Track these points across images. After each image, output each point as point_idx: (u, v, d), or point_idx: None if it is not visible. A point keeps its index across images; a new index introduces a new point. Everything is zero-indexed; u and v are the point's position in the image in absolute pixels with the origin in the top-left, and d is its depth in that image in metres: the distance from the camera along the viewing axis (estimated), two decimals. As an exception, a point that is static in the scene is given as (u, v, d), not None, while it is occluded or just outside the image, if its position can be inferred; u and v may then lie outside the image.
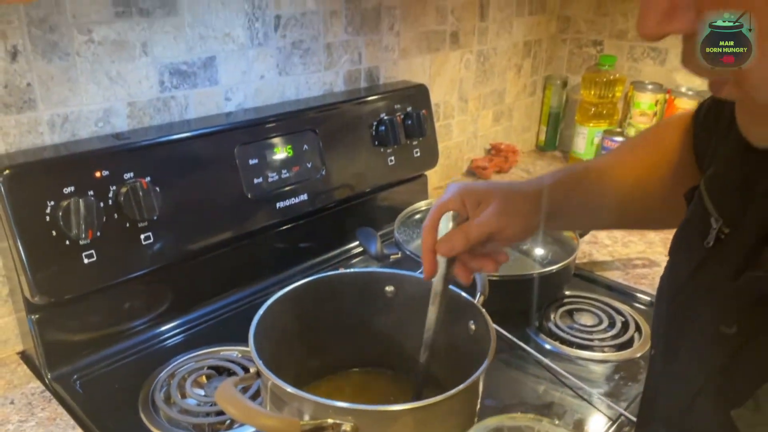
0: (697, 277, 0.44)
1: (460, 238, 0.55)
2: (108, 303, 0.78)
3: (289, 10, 0.96)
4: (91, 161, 0.73)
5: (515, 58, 1.48)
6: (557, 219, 0.60)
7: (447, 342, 0.61)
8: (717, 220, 0.42)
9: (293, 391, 0.47)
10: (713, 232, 0.42)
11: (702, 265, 0.43)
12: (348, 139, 1.01)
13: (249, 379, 0.51)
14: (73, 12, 0.73)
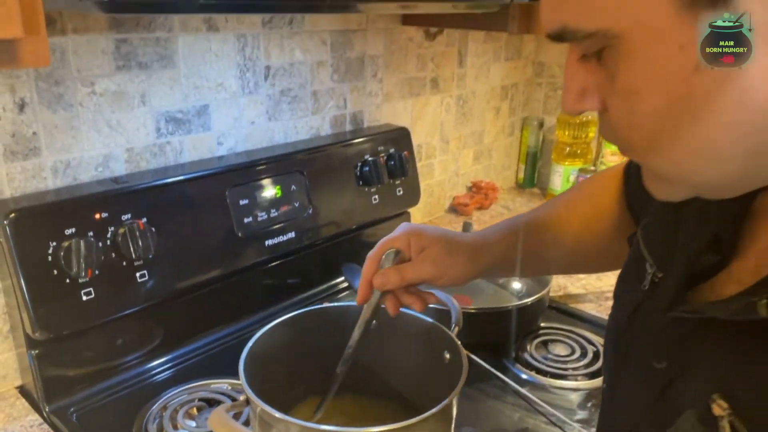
0: (635, 317, 0.48)
1: (395, 276, 0.60)
2: (103, 338, 0.82)
3: (279, 61, 1.03)
4: (91, 204, 0.78)
5: (493, 101, 1.56)
6: (501, 269, 0.66)
7: (423, 370, 0.66)
8: (651, 266, 0.47)
9: (280, 416, 0.51)
10: (648, 276, 0.47)
11: (639, 306, 0.48)
12: (334, 180, 1.07)
13: (239, 406, 0.55)
14: (78, 66, 0.79)
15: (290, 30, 1.03)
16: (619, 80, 0.35)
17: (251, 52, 0.98)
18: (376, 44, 1.19)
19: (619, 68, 0.35)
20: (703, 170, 0.36)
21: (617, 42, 0.34)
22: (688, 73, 0.32)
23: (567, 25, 0.35)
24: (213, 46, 0.93)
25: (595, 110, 0.39)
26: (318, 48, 1.08)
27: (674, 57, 0.32)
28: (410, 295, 0.63)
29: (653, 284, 0.47)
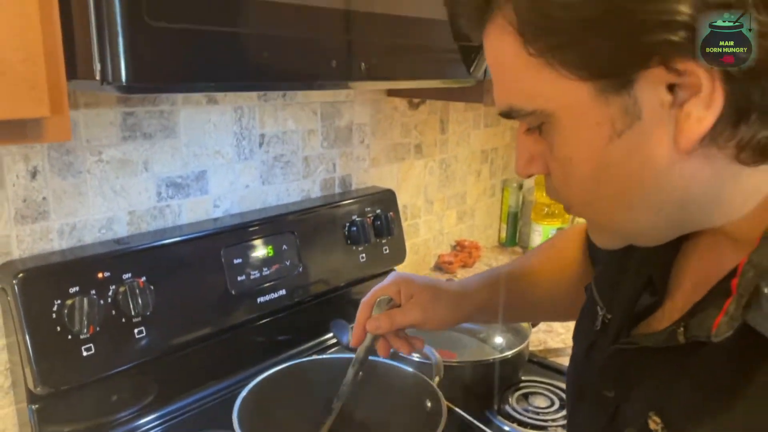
0: (589, 355, 0.55)
1: (386, 321, 0.67)
2: (101, 393, 0.85)
3: (272, 130, 1.10)
4: (95, 264, 0.83)
5: (474, 164, 1.65)
6: (482, 315, 0.74)
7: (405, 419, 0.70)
8: (602, 308, 0.55)
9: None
10: (599, 318, 0.54)
11: (592, 344, 0.55)
12: (323, 239, 1.13)
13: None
14: (87, 137, 0.86)
15: (283, 102, 1.11)
16: (555, 149, 0.43)
17: (247, 122, 1.06)
18: (363, 114, 1.27)
19: (554, 140, 0.42)
20: (631, 221, 0.43)
21: (551, 119, 0.41)
22: (605, 144, 0.40)
23: (513, 105, 0.43)
24: (212, 117, 1.01)
25: (542, 174, 0.46)
26: (309, 117, 1.16)
27: (593, 131, 0.40)
28: (399, 340, 0.70)
29: (603, 324, 0.54)
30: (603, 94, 0.38)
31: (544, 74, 0.39)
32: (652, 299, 0.50)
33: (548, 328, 1.26)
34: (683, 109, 0.37)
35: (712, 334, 0.39)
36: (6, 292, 0.77)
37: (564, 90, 0.39)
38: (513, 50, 0.40)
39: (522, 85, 0.41)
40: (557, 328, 1.27)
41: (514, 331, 1.11)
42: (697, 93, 0.36)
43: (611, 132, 0.39)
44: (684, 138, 0.37)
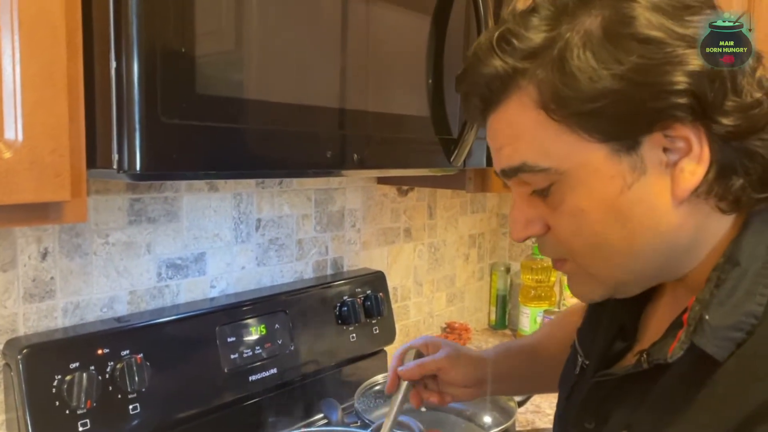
0: (570, 397, 0.62)
1: (416, 368, 0.77)
2: (93, 471, 0.87)
3: (269, 215, 1.18)
4: (95, 341, 0.87)
5: (462, 248, 1.72)
6: (500, 383, 0.82)
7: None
8: (581, 356, 0.63)
9: None
10: (579, 363, 0.62)
11: (574, 387, 0.62)
12: (314, 319, 1.17)
13: None
14: (96, 221, 0.93)
15: (280, 189, 1.19)
16: (566, 204, 0.50)
17: (245, 207, 1.13)
18: (354, 200, 1.35)
19: (566, 195, 0.49)
20: (625, 266, 0.51)
21: (564, 177, 0.49)
22: (617, 194, 0.48)
23: (527, 161, 0.50)
24: (212, 203, 1.08)
25: (539, 234, 0.53)
26: (303, 203, 1.24)
27: (607, 184, 0.48)
28: (430, 392, 0.80)
29: (582, 369, 0.62)
30: (617, 154, 0.47)
31: (564, 137, 0.47)
32: (623, 344, 0.58)
33: (536, 409, 1.28)
34: (678, 165, 0.46)
35: (668, 356, 0.47)
36: (10, 368, 0.81)
37: (583, 150, 0.47)
38: (533, 119, 0.48)
39: (541, 146, 0.49)
40: (545, 408, 1.29)
41: (500, 409, 1.13)
42: (689, 152, 0.46)
43: (623, 184, 0.47)
44: (679, 189, 0.46)
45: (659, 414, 0.49)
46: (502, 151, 0.52)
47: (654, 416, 0.49)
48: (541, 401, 1.31)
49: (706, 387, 0.46)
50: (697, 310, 0.47)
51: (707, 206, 0.48)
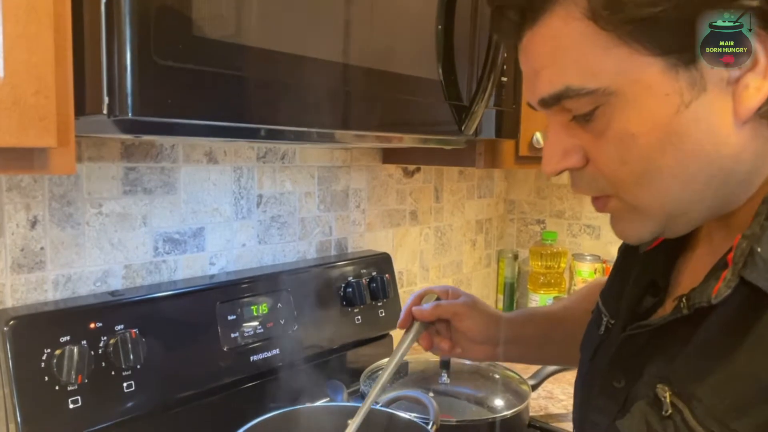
0: (594, 358, 0.58)
1: (431, 308, 0.75)
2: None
3: (270, 191, 1.13)
4: (87, 314, 0.82)
5: (469, 234, 1.67)
6: (516, 345, 0.78)
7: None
8: (605, 315, 0.58)
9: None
10: (604, 323, 0.58)
11: (599, 346, 0.58)
12: (318, 299, 1.12)
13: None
14: (89, 190, 0.88)
15: (282, 164, 1.14)
16: (612, 128, 0.44)
17: (246, 182, 1.09)
18: (359, 179, 1.31)
19: (613, 118, 0.44)
20: (678, 197, 0.45)
21: (612, 98, 0.43)
22: (673, 114, 0.42)
23: (570, 85, 0.44)
24: (212, 176, 1.03)
25: (577, 166, 0.48)
26: (306, 180, 1.20)
27: (661, 103, 0.42)
28: (442, 338, 0.76)
29: (607, 329, 0.58)
30: (673, 69, 0.41)
31: (614, 51, 0.42)
32: (653, 300, 0.54)
33: (549, 395, 1.23)
34: (741, 81, 0.41)
35: (712, 297, 0.43)
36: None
37: (635, 65, 0.42)
38: (580, 32, 0.43)
39: (587, 64, 0.43)
40: (558, 394, 1.24)
41: (513, 392, 1.08)
42: (754, 67, 0.41)
43: (679, 103, 0.42)
44: (743, 108, 0.41)
45: (701, 362, 0.44)
46: (541, 75, 0.46)
47: (694, 365, 0.45)
48: (554, 387, 1.26)
49: (757, 328, 0.41)
50: (745, 246, 0.43)
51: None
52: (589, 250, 1.64)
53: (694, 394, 0.44)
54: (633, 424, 0.48)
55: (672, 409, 0.45)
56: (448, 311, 0.75)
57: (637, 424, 0.47)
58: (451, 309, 0.75)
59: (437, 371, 1.12)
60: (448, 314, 0.75)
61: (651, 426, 0.46)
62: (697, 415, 0.43)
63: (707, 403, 0.43)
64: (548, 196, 1.72)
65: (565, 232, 1.69)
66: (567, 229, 1.69)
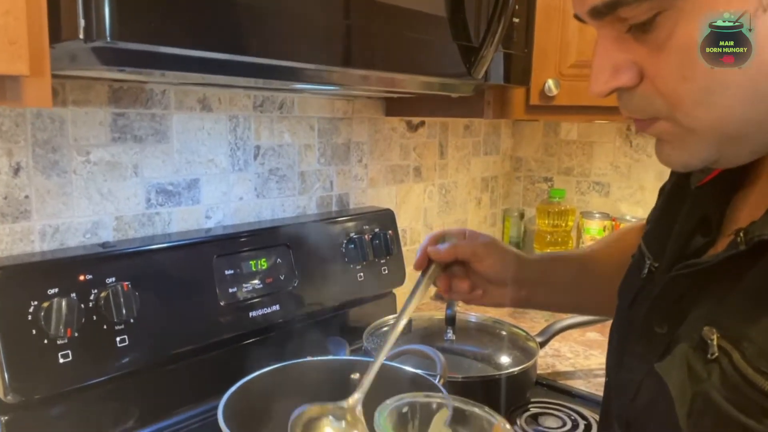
0: (634, 303, 0.54)
1: (449, 248, 0.68)
2: (78, 407, 0.79)
3: (268, 142, 1.08)
4: (76, 265, 0.78)
5: (474, 192, 1.62)
6: (541, 288, 0.73)
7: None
8: (648, 258, 0.54)
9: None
10: (647, 266, 0.54)
11: (639, 291, 0.54)
12: (319, 255, 1.08)
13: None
14: (75, 136, 0.83)
15: (280, 114, 1.09)
16: (675, 39, 0.39)
17: (242, 132, 1.04)
18: (361, 132, 1.25)
19: (677, 26, 0.38)
20: (743, 116, 0.40)
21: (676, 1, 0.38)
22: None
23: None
24: (206, 125, 0.98)
25: (629, 84, 0.42)
26: (306, 132, 1.14)
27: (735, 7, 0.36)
28: (460, 279, 0.69)
29: (650, 273, 0.53)
30: None
31: None
32: (704, 240, 0.49)
33: (556, 353, 1.20)
34: None
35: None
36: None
37: None
38: None
39: None
40: (565, 352, 1.21)
41: (521, 349, 1.05)
42: None
43: (757, 5, 0.36)
44: None
45: (755, 302, 0.40)
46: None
47: (748, 306, 0.41)
48: (561, 345, 1.23)
49: None
50: None
51: None
52: (598, 207, 1.60)
53: (745, 335, 0.40)
54: (673, 366, 0.44)
55: (718, 352, 0.41)
56: (467, 251, 0.68)
57: (677, 367, 0.44)
58: (470, 248, 0.68)
59: (442, 328, 1.09)
60: (467, 254, 0.68)
61: (693, 369, 0.42)
62: (747, 357, 0.39)
63: (760, 343, 0.39)
64: (556, 152, 1.67)
65: (574, 189, 1.65)
66: (575, 187, 1.65)
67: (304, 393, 0.67)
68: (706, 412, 0.41)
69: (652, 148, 1.53)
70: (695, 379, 0.42)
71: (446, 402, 0.43)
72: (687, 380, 0.43)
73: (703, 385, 0.41)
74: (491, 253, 0.68)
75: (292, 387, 0.67)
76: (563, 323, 1.15)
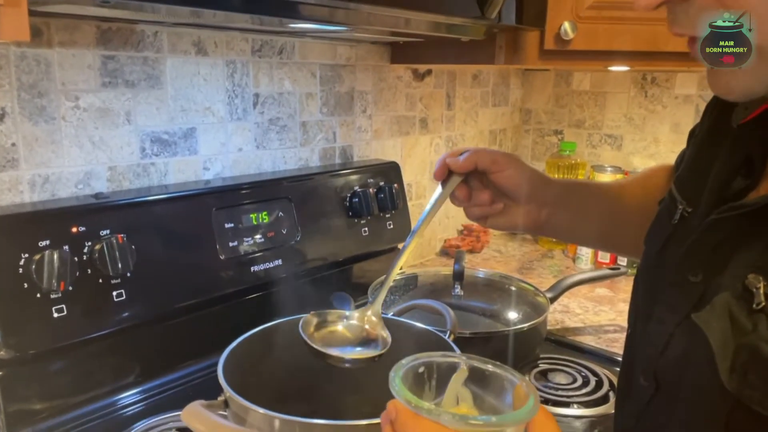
0: (664, 250, 0.51)
1: (470, 156, 0.63)
2: (75, 363, 0.77)
3: (268, 89, 1.03)
4: (68, 217, 0.75)
5: (482, 145, 1.57)
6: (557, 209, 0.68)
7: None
8: (681, 203, 0.50)
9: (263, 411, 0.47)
10: (679, 211, 0.50)
11: (670, 237, 0.50)
12: (322, 209, 1.04)
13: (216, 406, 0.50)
14: (63, 80, 0.78)
15: (279, 60, 1.03)
16: None
17: (240, 78, 0.98)
18: (365, 80, 1.20)
19: None
20: None
21: None
22: None
23: None
24: (201, 70, 0.93)
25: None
26: (307, 79, 1.09)
27: None
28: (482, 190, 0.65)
29: (682, 218, 0.50)
30: None
31: None
32: (745, 182, 0.45)
33: (565, 309, 1.17)
34: None
35: None
36: (-34, 243, 0.69)
37: None
38: None
39: None
40: (574, 308, 1.18)
41: (530, 305, 1.02)
42: None
43: None
44: None
45: None
46: None
47: None
48: (570, 301, 1.20)
49: None
50: None
51: None
52: (610, 161, 1.55)
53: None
54: (713, 317, 0.41)
55: (765, 301, 0.38)
56: (486, 159, 0.63)
57: (718, 318, 0.40)
58: (490, 157, 0.63)
59: (449, 284, 1.06)
60: (486, 163, 0.63)
61: (736, 320, 0.39)
62: None
63: None
64: (567, 104, 1.61)
65: (585, 142, 1.59)
66: (586, 140, 1.59)
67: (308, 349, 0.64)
68: (752, 366, 0.38)
69: (668, 98, 1.47)
70: (739, 330, 0.39)
71: (464, 361, 0.40)
72: (729, 332, 0.39)
73: (749, 337, 0.38)
74: (512, 164, 0.64)
75: (295, 343, 0.64)
76: (573, 279, 1.12)
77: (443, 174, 0.64)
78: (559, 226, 0.70)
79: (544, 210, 0.66)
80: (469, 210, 0.68)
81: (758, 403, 0.37)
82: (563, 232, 0.74)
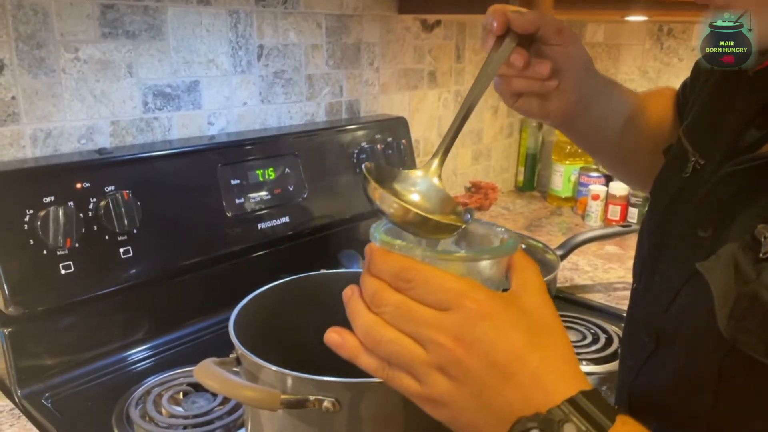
0: (675, 202, 0.49)
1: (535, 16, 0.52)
2: (83, 319, 0.76)
3: (272, 41, 0.99)
4: (73, 173, 0.73)
5: (491, 100, 1.54)
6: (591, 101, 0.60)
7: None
8: (693, 155, 0.48)
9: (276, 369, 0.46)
10: (690, 164, 0.48)
11: (680, 191, 0.48)
12: (329, 165, 1.03)
13: (228, 363, 0.50)
14: (61, 30, 0.76)
15: (284, 10, 1.00)
16: None
17: (244, 29, 0.95)
18: (372, 31, 1.16)
19: None
20: None
21: None
22: None
23: None
24: (204, 20, 0.90)
25: None
26: (312, 31, 1.05)
27: None
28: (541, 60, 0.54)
29: (695, 170, 0.47)
30: None
31: None
32: (759, 133, 0.43)
33: (573, 266, 1.17)
34: None
35: None
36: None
37: None
38: None
39: None
40: (584, 266, 1.17)
41: (539, 262, 1.01)
42: None
43: None
44: None
45: None
46: None
47: None
48: (579, 258, 1.19)
49: None
50: None
51: None
52: (622, 117, 1.52)
53: None
54: (718, 266, 0.39)
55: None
56: (552, 27, 0.53)
57: (723, 267, 0.39)
58: (556, 25, 0.53)
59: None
60: (551, 31, 0.53)
61: (741, 269, 0.38)
62: None
63: None
64: (579, 57, 1.56)
65: (596, 97, 1.55)
66: (598, 95, 1.55)
67: (318, 306, 0.63)
68: (750, 313, 0.37)
69: (684, 51, 1.42)
70: (742, 279, 0.38)
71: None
72: (732, 280, 0.38)
73: (751, 285, 0.37)
74: (576, 41, 0.55)
75: (306, 300, 0.63)
76: (583, 236, 1.10)
77: (503, 29, 0.52)
78: (589, 123, 0.63)
79: (582, 101, 0.59)
80: (513, 80, 0.56)
81: (753, 348, 0.37)
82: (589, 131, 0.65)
